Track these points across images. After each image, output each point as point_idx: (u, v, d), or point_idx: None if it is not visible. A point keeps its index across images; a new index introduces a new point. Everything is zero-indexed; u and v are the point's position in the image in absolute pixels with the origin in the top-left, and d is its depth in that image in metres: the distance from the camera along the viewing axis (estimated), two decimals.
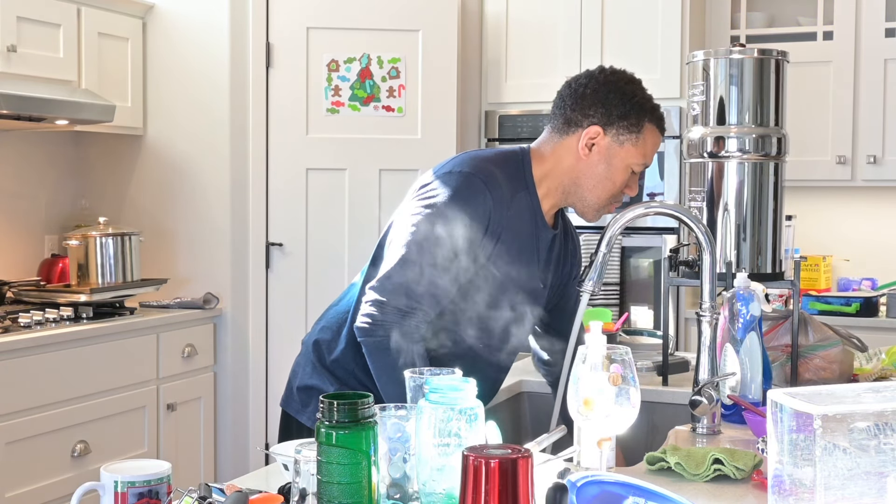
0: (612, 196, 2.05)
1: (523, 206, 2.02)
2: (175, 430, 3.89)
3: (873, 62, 4.22)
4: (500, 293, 1.99)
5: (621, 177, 2.03)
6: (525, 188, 2.03)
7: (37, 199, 4.18)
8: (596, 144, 2.01)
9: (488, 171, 1.98)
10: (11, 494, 3.20)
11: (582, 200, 2.06)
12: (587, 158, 2.02)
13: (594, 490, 1.25)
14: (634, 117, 2.01)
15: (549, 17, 4.27)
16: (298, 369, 2.14)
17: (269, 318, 4.18)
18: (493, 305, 2.00)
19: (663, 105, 1.84)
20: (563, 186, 2.05)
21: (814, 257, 4.40)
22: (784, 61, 2.35)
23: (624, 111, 2.01)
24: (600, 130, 2.01)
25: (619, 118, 2.01)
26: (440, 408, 1.33)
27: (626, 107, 2.01)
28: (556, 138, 2.05)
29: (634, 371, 1.53)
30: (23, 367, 3.24)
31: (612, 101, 2.01)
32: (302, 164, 4.16)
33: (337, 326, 2.09)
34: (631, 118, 2.01)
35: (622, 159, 2.02)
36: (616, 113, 2.01)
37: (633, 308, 3.65)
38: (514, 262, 1.99)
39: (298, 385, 2.12)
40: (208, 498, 1.34)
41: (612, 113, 2.01)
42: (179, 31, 4.18)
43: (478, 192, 1.94)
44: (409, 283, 1.89)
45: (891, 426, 1.21)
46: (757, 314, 2.03)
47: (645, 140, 2.02)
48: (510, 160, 2.04)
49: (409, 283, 1.89)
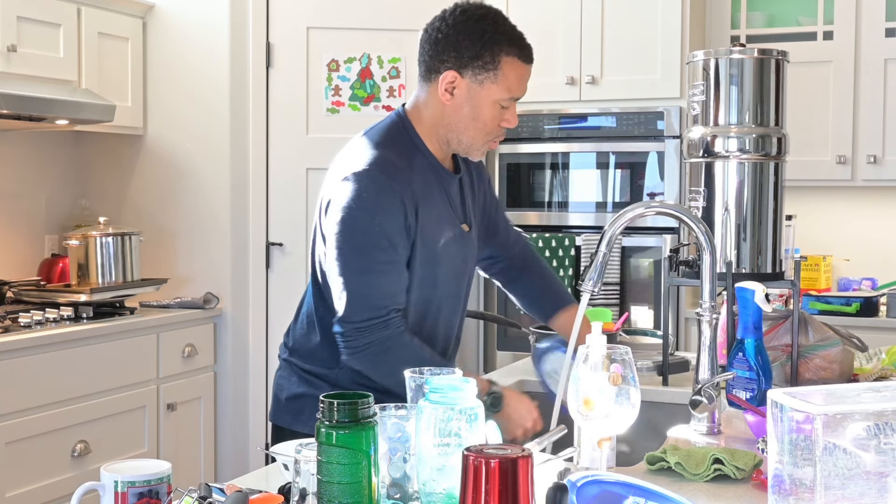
0: (487, 134, 2.05)
1: (424, 168, 2.05)
2: (175, 430, 3.89)
3: (873, 62, 4.22)
4: (440, 251, 2.05)
5: (490, 114, 2.02)
6: (417, 151, 2.05)
7: (37, 199, 4.18)
8: (456, 88, 2.01)
9: (381, 158, 1.99)
10: (11, 494, 3.20)
11: (459, 143, 2.06)
12: (451, 103, 2.02)
13: (594, 490, 1.25)
14: (488, 55, 1.98)
15: (549, 17, 4.26)
16: (283, 382, 2.16)
17: (269, 318, 4.18)
18: (439, 264, 2.06)
19: (663, 105, 1.84)
20: (441, 135, 2.06)
21: (814, 257, 4.40)
22: (784, 61, 2.35)
23: (475, 51, 1.98)
24: (456, 74, 2.00)
25: (472, 59, 1.99)
26: (440, 408, 1.33)
27: (477, 46, 1.98)
28: (423, 90, 2.07)
29: (634, 371, 1.53)
30: (23, 367, 3.24)
31: (463, 43, 1.99)
32: (302, 164, 4.16)
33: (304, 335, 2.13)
34: (484, 56, 1.98)
35: (486, 98, 2.00)
36: (467, 54, 1.99)
37: (633, 308, 3.65)
38: (437, 220, 2.04)
39: (287, 396, 2.13)
40: (208, 498, 1.34)
41: (464, 55, 1.99)
42: (179, 31, 4.18)
43: (383, 184, 1.95)
44: (365, 301, 1.94)
45: (891, 426, 1.21)
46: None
47: (505, 75, 2.00)
48: (394, 131, 2.06)
49: (365, 300, 1.94)
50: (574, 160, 4.29)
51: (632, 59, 4.22)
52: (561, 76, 4.29)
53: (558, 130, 4.28)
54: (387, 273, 1.96)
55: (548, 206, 4.33)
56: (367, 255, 1.95)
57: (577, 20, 4.28)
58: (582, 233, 4.17)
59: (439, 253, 2.05)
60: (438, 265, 2.06)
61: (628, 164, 4.22)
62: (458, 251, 2.12)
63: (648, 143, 4.16)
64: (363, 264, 1.95)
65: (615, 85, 4.24)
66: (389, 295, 1.96)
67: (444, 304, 2.12)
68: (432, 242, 2.03)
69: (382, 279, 1.96)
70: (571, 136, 4.29)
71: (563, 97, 4.29)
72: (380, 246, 1.95)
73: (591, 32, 4.27)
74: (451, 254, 2.09)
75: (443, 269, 2.08)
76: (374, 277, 1.95)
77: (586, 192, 4.30)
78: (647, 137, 4.16)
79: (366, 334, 1.95)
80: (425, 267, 2.03)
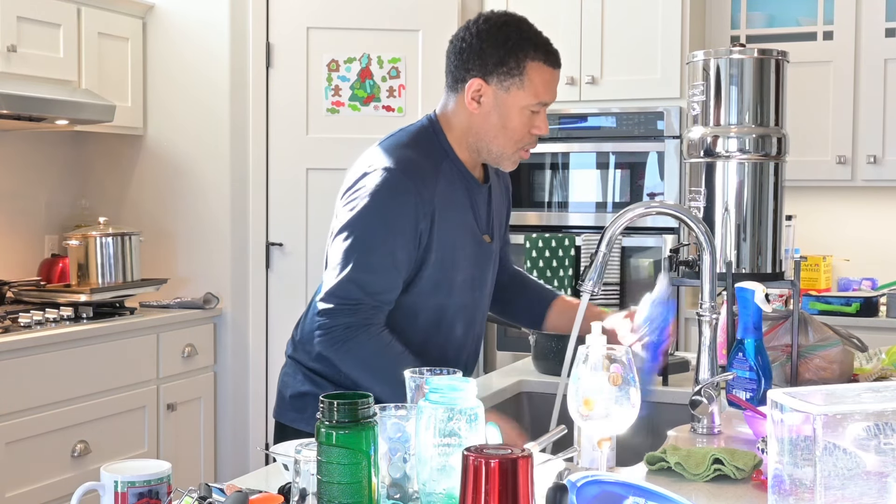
0: (517, 142, 2.03)
1: (451, 174, 2.04)
2: (175, 430, 3.89)
3: (873, 62, 4.22)
4: (458, 258, 2.04)
5: (519, 120, 2.01)
6: (446, 156, 2.05)
7: (37, 199, 4.18)
8: (483, 96, 2.00)
9: (405, 157, 1.99)
10: (11, 494, 3.20)
11: (489, 153, 2.06)
12: (478, 112, 2.02)
13: (594, 490, 1.25)
14: (513, 61, 1.98)
15: (549, 17, 4.26)
16: (288, 380, 2.16)
17: (269, 318, 4.18)
18: (455, 272, 2.04)
19: (663, 105, 1.84)
20: (470, 143, 2.06)
21: (814, 257, 4.40)
22: (784, 61, 2.35)
23: (499, 57, 1.98)
24: (482, 82, 1.99)
25: (497, 65, 1.98)
26: (440, 408, 1.33)
27: (501, 52, 1.98)
28: (452, 98, 2.06)
29: (634, 371, 1.53)
30: (23, 367, 3.24)
31: (487, 51, 1.98)
32: (302, 164, 4.16)
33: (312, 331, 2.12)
34: (509, 63, 1.98)
35: (513, 105, 2.00)
36: (492, 61, 1.98)
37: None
38: (459, 228, 2.03)
39: (291, 394, 2.13)
40: (208, 498, 1.34)
41: (488, 62, 1.98)
42: (179, 31, 4.18)
43: (399, 184, 1.96)
44: (344, 290, 1.94)
45: (891, 426, 1.21)
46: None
47: (531, 80, 1.99)
48: (423, 135, 2.06)
49: (344, 289, 1.94)
50: (574, 160, 4.29)
51: (632, 59, 4.22)
52: (561, 76, 4.28)
53: (558, 130, 4.28)
54: (377, 271, 1.95)
55: (548, 207, 4.33)
56: (365, 251, 1.95)
57: (577, 20, 4.28)
58: (582, 233, 4.17)
59: (456, 260, 2.04)
60: (455, 273, 2.04)
61: (628, 165, 4.22)
62: (477, 261, 2.10)
63: (648, 144, 4.16)
64: (357, 258, 1.95)
65: (615, 85, 4.24)
66: (371, 292, 1.95)
67: (459, 315, 2.10)
68: (449, 249, 2.02)
69: (371, 276, 1.95)
70: (571, 136, 4.29)
71: (563, 97, 4.28)
72: (379, 246, 1.95)
73: (591, 32, 4.27)
74: (468, 263, 2.07)
75: (459, 277, 2.06)
76: (362, 273, 1.95)
77: (586, 192, 4.30)
78: (646, 137, 4.16)
79: (333, 317, 1.95)
80: (439, 273, 2.02)
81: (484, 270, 2.14)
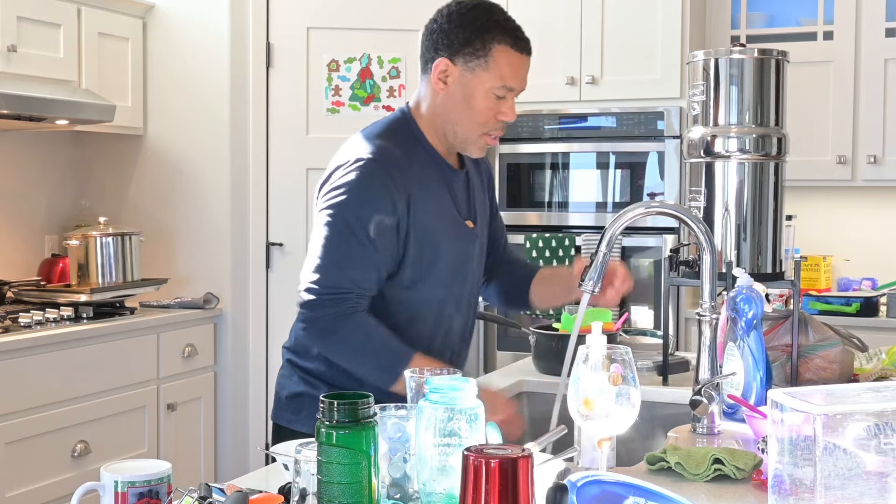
0: (482, 125, 2.02)
1: (424, 161, 2.05)
2: (175, 430, 3.89)
3: (873, 62, 4.22)
4: (439, 243, 2.04)
5: (483, 104, 2.00)
6: (418, 143, 2.06)
7: (37, 199, 4.18)
8: (449, 76, 2.00)
9: (377, 147, 2.00)
10: (11, 494, 3.20)
11: (455, 136, 2.05)
12: (444, 91, 2.02)
13: (594, 490, 1.25)
14: (479, 42, 1.98)
15: (549, 17, 4.27)
16: (284, 381, 2.16)
17: (269, 318, 4.18)
18: (438, 259, 2.04)
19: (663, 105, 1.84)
20: (437, 126, 2.06)
21: (814, 257, 4.40)
22: (784, 61, 2.35)
23: (466, 37, 1.98)
24: (448, 62, 2.00)
25: (463, 45, 1.98)
26: (440, 408, 1.33)
27: (468, 32, 1.98)
28: (423, 82, 2.07)
29: (635, 371, 1.52)
30: (23, 367, 3.24)
31: (454, 31, 1.99)
32: (302, 164, 4.16)
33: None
34: (475, 43, 1.98)
35: (478, 85, 1.99)
36: (458, 41, 1.98)
37: (633, 308, 3.65)
38: (437, 215, 2.03)
39: (287, 394, 2.14)
40: (208, 498, 1.34)
41: (454, 42, 1.98)
42: (179, 32, 4.18)
43: (373, 171, 1.96)
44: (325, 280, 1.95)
45: (891, 426, 1.21)
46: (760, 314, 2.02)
47: (497, 62, 1.98)
48: (396, 125, 2.07)
49: (325, 279, 1.95)
50: (574, 160, 4.29)
51: (632, 59, 4.21)
52: (561, 76, 4.29)
53: (558, 130, 4.28)
54: (357, 260, 1.96)
55: (548, 206, 4.33)
56: (343, 241, 1.96)
57: (577, 20, 4.28)
58: (582, 233, 4.17)
59: (438, 246, 2.05)
60: (437, 258, 2.05)
61: (628, 164, 4.22)
62: (461, 247, 2.11)
63: (648, 143, 4.16)
64: (336, 248, 1.96)
65: (615, 85, 4.24)
66: (353, 280, 1.96)
67: (446, 303, 2.11)
68: (430, 236, 2.03)
69: (350, 264, 1.96)
70: (571, 136, 4.29)
71: (563, 97, 4.29)
72: (357, 235, 1.95)
73: (591, 32, 4.27)
74: (452, 249, 2.08)
75: (442, 264, 2.06)
76: (343, 262, 1.95)
77: (586, 192, 4.30)
78: (647, 137, 4.16)
79: (317, 309, 1.96)
80: (422, 259, 2.02)
81: (470, 257, 2.14)
